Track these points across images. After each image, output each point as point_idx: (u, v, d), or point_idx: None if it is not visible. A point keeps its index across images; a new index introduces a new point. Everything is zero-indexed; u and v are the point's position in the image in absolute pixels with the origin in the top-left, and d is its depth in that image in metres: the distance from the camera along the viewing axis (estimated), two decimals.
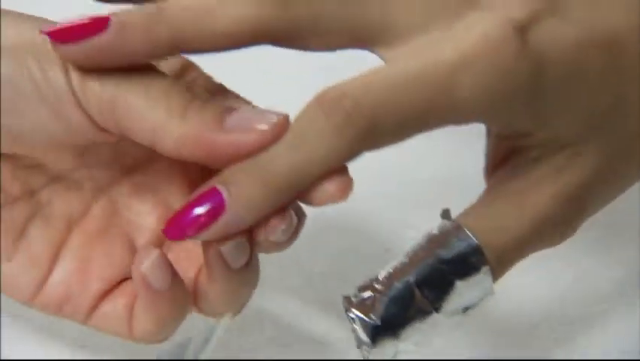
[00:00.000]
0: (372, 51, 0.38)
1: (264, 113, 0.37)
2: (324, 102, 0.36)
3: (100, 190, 0.44)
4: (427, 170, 0.54)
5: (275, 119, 0.36)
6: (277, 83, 0.54)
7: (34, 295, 0.43)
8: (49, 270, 0.42)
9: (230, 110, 0.37)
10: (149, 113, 0.37)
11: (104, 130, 0.38)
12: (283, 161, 0.36)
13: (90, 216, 0.43)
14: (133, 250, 0.43)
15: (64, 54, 0.37)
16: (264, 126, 0.36)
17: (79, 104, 0.38)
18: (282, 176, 0.36)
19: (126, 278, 0.43)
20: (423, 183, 0.53)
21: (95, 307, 0.43)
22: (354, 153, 0.36)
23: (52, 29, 0.37)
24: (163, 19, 0.36)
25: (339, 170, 0.36)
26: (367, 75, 0.36)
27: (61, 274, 0.42)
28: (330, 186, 0.36)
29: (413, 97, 0.36)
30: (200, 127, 0.37)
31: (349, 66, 0.37)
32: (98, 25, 0.36)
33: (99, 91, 0.37)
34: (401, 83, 0.36)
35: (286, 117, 0.36)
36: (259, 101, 0.40)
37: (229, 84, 0.43)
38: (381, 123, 0.36)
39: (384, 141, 0.36)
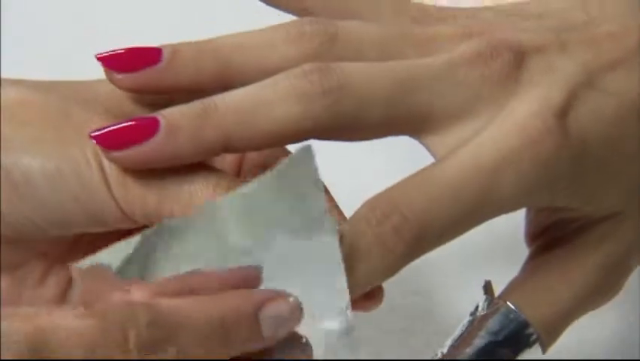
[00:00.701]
0: (413, 137, 0.38)
1: None
2: (371, 217, 0.35)
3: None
4: None
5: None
6: None
7: None
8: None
9: None
10: None
11: None
12: None
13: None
14: None
15: (114, 159, 0.35)
16: None
17: (122, 212, 0.36)
18: None
19: None
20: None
21: None
22: (401, 265, 0.36)
23: (100, 133, 0.35)
24: (211, 122, 0.35)
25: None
26: (410, 186, 0.36)
27: None
28: (366, 303, 0.37)
29: (456, 208, 0.35)
30: None
31: None
32: (148, 129, 0.35)
33: (142, 204, 0.36)
34: (444, 196, 0.35)
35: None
36: None
37: None
38: (429, 234, 0.35)
39: (431, 249, 0.36)
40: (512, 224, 0.42)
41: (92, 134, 0.35)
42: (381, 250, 0.35)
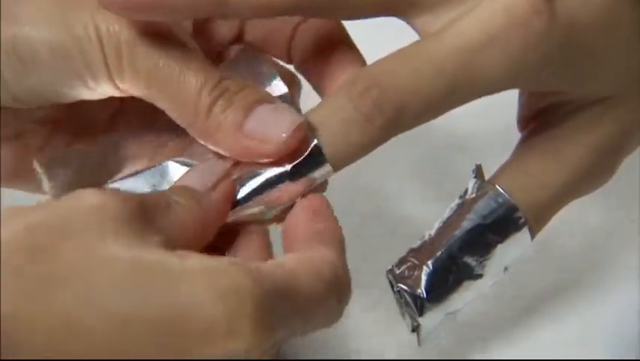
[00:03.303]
0: (401, 18, 0.37)
1: (283, 117, 0.36)
2: (352, 91, 0.35)
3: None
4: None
5: (292, 128, 0.35)
6: None
7: None
8: None
9: (252, 106, 0.36)
10: (178, 114, 0.36)
11: None
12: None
13: None
14: None
15: (105, 2, 0.35)
16: (280, 138, 0.35)
17: (117, 88, 0.37)
18: None
19: None
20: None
21: None
22: (381, 139, 0.36)
23: None
24: None
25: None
26: (392, 60, 0.36)
27: None
28: None
29: (439, 83, 0.35)
30: (221, 130, 0.36)
31: None
32: None
33: (134, 85, 0.36)
34: (427, 70, 0.35)
35: (303, 124, 0.35)
36: None
37: None
38: (408, 110, 0.35)
39: (411, 125, 0.36)
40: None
41: None
42: (360, 123, 0.35)
